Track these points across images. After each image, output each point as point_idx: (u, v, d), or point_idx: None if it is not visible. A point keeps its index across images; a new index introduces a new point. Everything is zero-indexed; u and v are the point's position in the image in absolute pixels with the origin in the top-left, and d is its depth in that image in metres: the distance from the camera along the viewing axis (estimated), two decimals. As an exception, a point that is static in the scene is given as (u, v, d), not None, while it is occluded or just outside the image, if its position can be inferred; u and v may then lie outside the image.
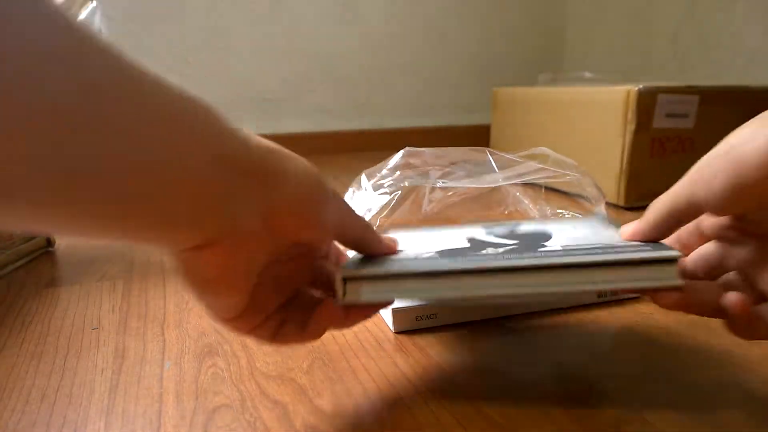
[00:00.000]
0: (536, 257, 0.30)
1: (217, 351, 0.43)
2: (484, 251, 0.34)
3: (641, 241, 0.33)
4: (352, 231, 0.32)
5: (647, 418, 0.33)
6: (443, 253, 0.34)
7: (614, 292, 0.50)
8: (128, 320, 0.50)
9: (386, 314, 0.47)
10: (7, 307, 0.55)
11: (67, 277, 0.64)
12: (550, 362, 0.40)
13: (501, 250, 0.34)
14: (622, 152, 0.87)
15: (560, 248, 0.33)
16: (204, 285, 0.26)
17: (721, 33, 1.34)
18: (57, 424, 0.35)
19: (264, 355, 0.43)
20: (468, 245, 0.37)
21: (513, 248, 0.34)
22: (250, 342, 0.45)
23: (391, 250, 0.35)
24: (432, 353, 0.42)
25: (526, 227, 0.42)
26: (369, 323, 0.48)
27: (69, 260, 0.70)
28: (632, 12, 1.59)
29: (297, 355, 0.43)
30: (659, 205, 0.31)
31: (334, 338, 0.45)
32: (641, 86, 0.84)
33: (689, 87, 0.87)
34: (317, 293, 0.34)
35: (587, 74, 1.30)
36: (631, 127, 0.85)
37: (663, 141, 0.87)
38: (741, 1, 1.28)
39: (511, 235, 0.39)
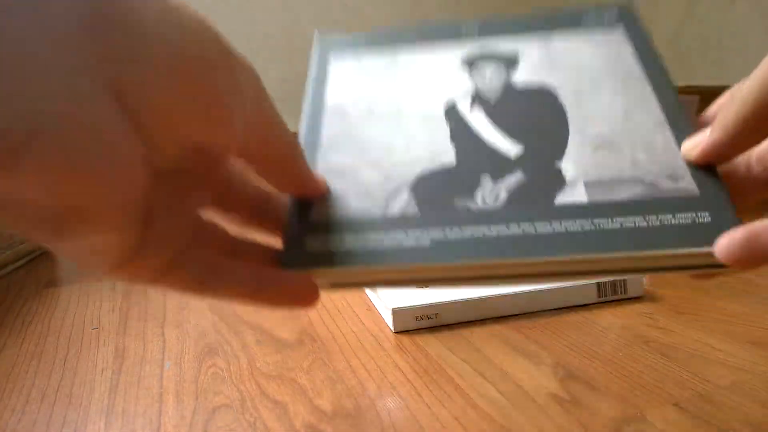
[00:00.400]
0: (548, 247, 0.22)
1: (217, 351, 0.43)
2: (477, 193, 0.24)
3: (709, 165, 0.24)
4: (271, 143, 0.21)
5: (648, 417, 0.33)
6: (422, 201, 0.24)
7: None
8: (128, 320, 0.50)
9: (386, 314, 0.47)
10: (7, 307, 0.55)
11: (67, 277, 0.64)
12: (551, 362, 0.40)
13: (502, 191, 0.24)
14: (623, 152, 0.86)
15: (585, 202, 0.23)
16: (51, 221, 0.16)
17: (721, 33, 1.34)
18: (57, 424, 0.35)
19: (264, 355, 0.43)
20: (453, 155, 0.26)
21: (518, 192, 0.24)
22: (251, 342, 0.45)
23: (318, 192, 0.25)
24: (432, 353, 0.42)
25: (527, 82, 0.29)
26: (369, 323, 0.48)
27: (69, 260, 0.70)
28: (632, 12, 1.59)
29: (297, 355, 0.43)
30: (746, 98, 0.20)
31: (334, 338, 0.45)
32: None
33: (689, 87, 0.87)
34: (229, 219, 0.25)
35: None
36: (632, 127, 0.85)
37: (663, 141, 0.87)
38: (741, 0, 1.28)
39: (510, 115, 0.28)
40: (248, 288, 0.22)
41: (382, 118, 0.28)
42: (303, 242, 0.23)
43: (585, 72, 0.29)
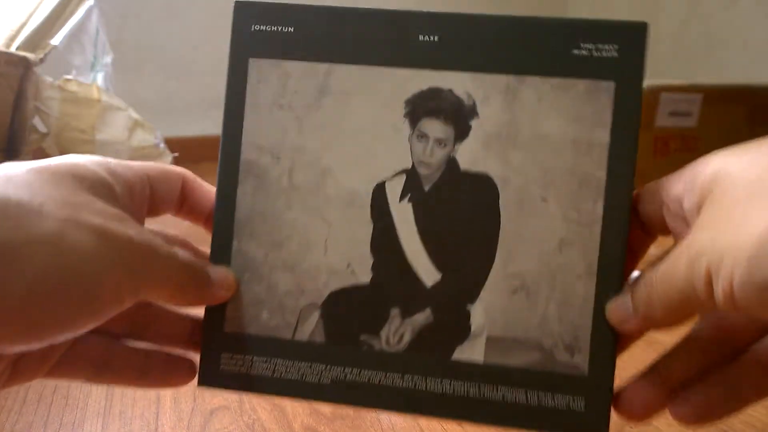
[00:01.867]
0: (434, 408, 0.24)
1: (215, 352, 0.43)
2: (384, 330, 0.24)
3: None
4: (162, 287, 0.22)
5: (652, 420, 0.32)
6: (330, 329, 0.25)
7: None
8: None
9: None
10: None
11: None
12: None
13: (407, 333, 0.24)
14: (625, 151, 0.86)
15: (481, 363, 0.24)
16: None
17: (724, 31, 1.33)
18: (54, 426, 0.35)
19: (263, 356, 0.42)
20: (369, 270, 0.25)
21: (421, 336, 0.24)
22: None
23: (224, 298, 0.24)
24: (432, 354, 0.41)
25: (473, 162, 0.25)
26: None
27: None
28: (635, 9, 1.58)
29: (296, 356, 0.42)
30: (667, 294, 0.21)
31: (333, 339, 0.45)
32: (644, 84, 0.84)
33: (692, 85, 0.87)
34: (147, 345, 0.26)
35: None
36: (634, 126, 0.85)
37: (666, 140, 0.87)
38: (745, -1, 1.28)
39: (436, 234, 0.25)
40: (134, 376, 0.24)
41: (303, 194, 0.25)
42: (218, 361, 0.25)
43: (543, 159, 0.24)
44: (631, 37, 0.24)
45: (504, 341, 0.24)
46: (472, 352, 0.24)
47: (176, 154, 1.01)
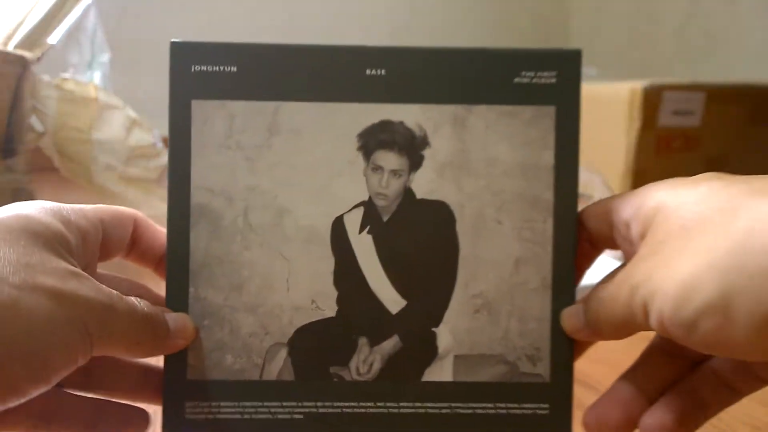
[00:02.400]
0: (407, 427, 0.24)
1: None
2: (353, 361, 0.25)
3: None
4: (118, 344, 0.21)
5: None
6: (298, 365, 0.25)
7: None
8: None
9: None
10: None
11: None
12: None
13: (377, 361, 0.25)
14: (627, 151, 0.86)
15: (450, 381, 0.25)
16: None
17: (727, 28, 1.32)
18: (49, 429, 0.34)
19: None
20: (335, 303, 0.25)
21: (390, 363, 0.25)
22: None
23: (184, 345, 0.24)
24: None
25: (429, 191, 0.26)
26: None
27: None
28: (637, 7, 1.58)
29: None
30: (611, 314, 0.22)
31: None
32: (646, 83, 0.84)
33: (695, 84, 0.86)
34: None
35: (592, 70, 1.29)
36: (636, 125, 0.84)
37: (669, 139, 0.86)
38: (747, -3, 1.27)
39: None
40: (83, 426, 0.23)
41: (260, 234, 0.25)
42: (182, 410, 0.24)
43: (495, 183, 0.25)
44: (567, 64, 0.25)
45: (471, 359, 0.25)
46: (440, 372, 0.25)
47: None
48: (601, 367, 0.39)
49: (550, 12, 1.90)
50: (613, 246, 0.25)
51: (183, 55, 0.25)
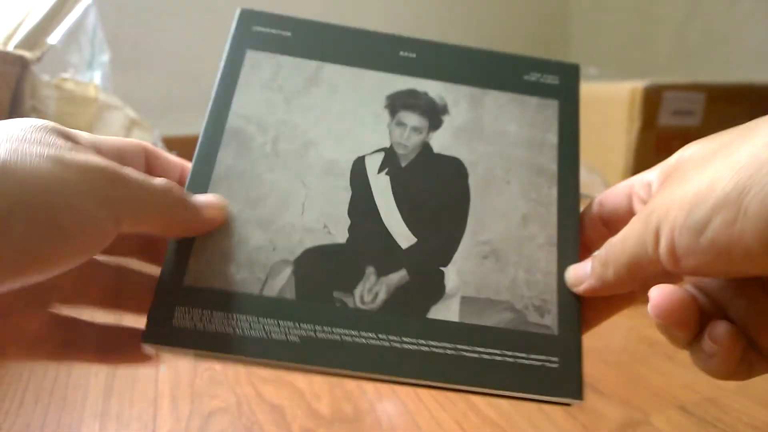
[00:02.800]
0: (409, 369, 0.23)
1: (214, 353, 0.43)
2: (358, 288, 0.24)
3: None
4: (150, 220, 0.22)
5: (653, 421, 0.32)
6: (301, 287, 0.24)
7: None
8: (123, 321, 0.50)
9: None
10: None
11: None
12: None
13: (382, 291, 0.24)
14: (627, 151, 0.86)
15: (456, 321, 0.24)
16: None
17: (727, 28, 1.32)
18: (51, 427, 0.34)
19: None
20: (346, 231, 0.25)
21: (396, 295, 0.24)
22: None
23: (216, 218, 0.24)
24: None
25: (445, 147, 0.28)
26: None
27: None
28: (638, 6, 1.58)
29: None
30: (620, 253, 0.22)
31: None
32: (646, 83, 0.83)
33: (695, 84, 0.86)
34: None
35: (593, 70, 1.29)
36: (636, 124, 0.84)
37: (669, 139, 0.86)
38: (747, -4, 1.27)
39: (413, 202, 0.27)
40: (93, 355, 0.23)
41: (285, 160, 0.26)
42: (170, 315, 0.23)
43: (505, 150, 0.28)
44: (568, 73, 0.29)
45: (478, 302, 0.25)
46: (447, 311, 0.25)
47: (175, 152, 1.01)
48: (602, 367, 0.39)
49: (550, 12, 1.90)
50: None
51: (248, 18, 0.29)
